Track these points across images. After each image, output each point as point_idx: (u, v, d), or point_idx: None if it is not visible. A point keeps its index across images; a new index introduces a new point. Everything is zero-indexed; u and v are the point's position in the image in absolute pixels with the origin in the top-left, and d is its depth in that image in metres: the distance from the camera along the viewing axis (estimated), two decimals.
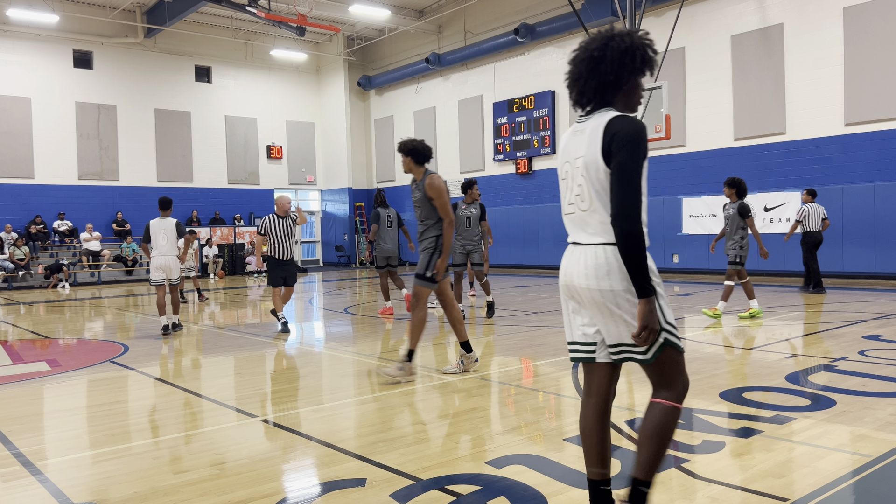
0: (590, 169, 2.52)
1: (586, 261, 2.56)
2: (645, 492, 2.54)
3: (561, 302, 2.79)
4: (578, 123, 2.65)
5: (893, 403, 4.67)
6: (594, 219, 2.54)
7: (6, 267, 19.38)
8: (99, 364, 7.21)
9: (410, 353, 5.91)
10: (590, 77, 2.58)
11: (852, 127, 14.21)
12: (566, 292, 2.71)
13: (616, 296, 2.49)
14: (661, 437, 2.51)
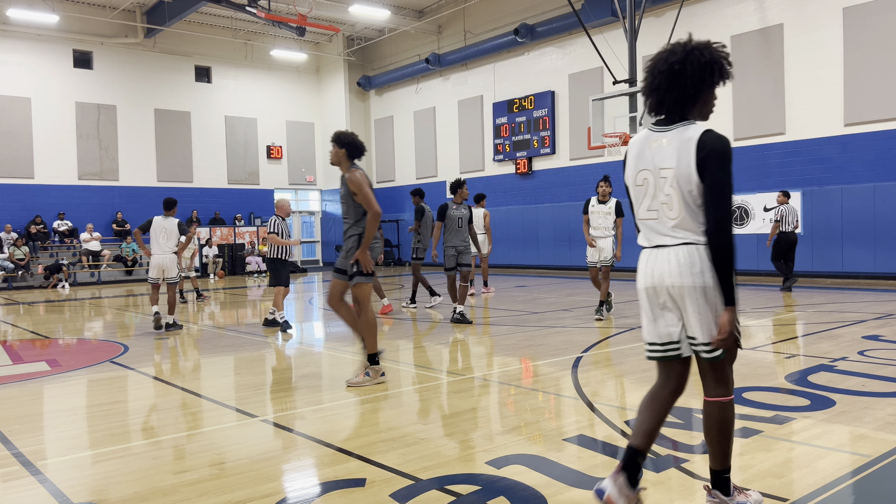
0: (681, 181, 2.68)
1: (678, 259, 2.73)
2: (727, 477, 2.84)
3: (643, 305, 2.91)
4: (655, 133, 2.79)
5: (893, 403, 4.67)
6: (682, 225, 2.72)
7: (6, 267, 19.38)
8: (99, 364, 7.21)
9: (371, 356, 5.77)
10: (669, 89, 2.72)
11: (852, 127, 14.21)
12: (653, 294, 2.85)
13: (706, 290, 2.70)
14: (728, 430, 2.79)
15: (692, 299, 2.72)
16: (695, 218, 2.70)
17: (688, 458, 3.69)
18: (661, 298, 2.82)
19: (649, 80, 2.78)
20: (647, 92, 2.81)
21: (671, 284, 2.76)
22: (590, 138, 14.83)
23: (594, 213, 9.35)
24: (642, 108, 14.11)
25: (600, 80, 18.21)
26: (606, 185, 9.25)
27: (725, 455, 2.82)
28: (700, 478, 3.40)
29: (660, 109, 2.79)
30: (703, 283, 2.70)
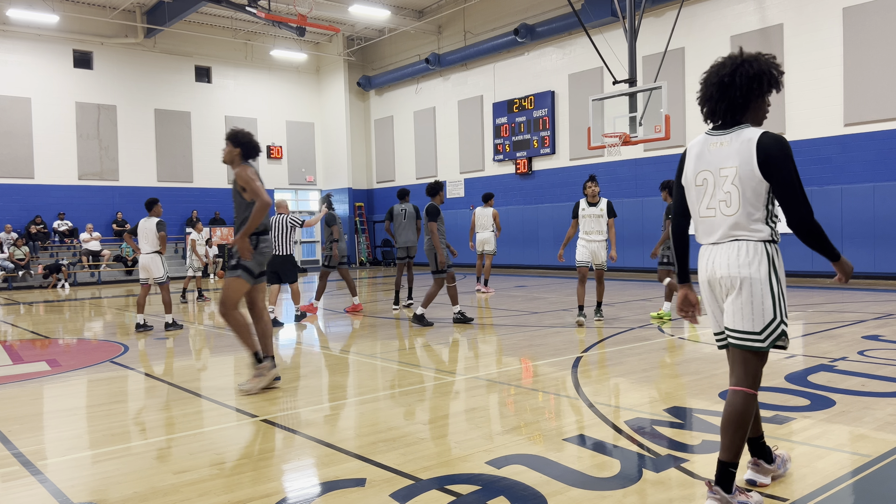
0: (744, 179, 2.88)
1: (729, 254, 2.95)
2: (733, 472, 2.90)
3: (705, 297, 3.17)
4: (713, 136, 3.02)
5: (893, 403, 4.67)
6: (739, 220, 2.92)
7: (6, 267, 19.38)
8: (99, 364, 7.22)
9: (257, 354, 5.61)
10: (720, 99, 2.96)
11: (852, 127, 14.21)
12: (709, 288, 3.09)
13: (753, 282, 2.89)
14: (744, 424, 2.90)
15: (739, 290, 2.92)
16: (751, 214, 2.90)
17: (688, 458, 3.70)
18: (715, 291, 3.06)
19: (703, 90, 3.04)
20: (701, 101, 3.06)
21: (722, 276, 2.97)
22: (590, 138, 14.83)
23: (585, 217, 8.93)
24: (642, 108, 14.11)
25: (600, 80, 18.21)
26: (594, 185, 8.85)
27: (737, 448, 2.91)
28: (700, 477, 3.40)
29: (713, 117, 3.03)
30: (748, 275, 2.89)
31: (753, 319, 2.90)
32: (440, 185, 9.78)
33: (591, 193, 8.89)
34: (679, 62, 16.86)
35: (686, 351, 7.13)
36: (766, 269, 2.89)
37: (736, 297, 2.94)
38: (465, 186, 23.10)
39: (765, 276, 2.88)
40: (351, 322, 10.36)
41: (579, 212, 8.97)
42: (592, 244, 8.95)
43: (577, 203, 9.03)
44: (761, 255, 2.89)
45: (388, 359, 7.06)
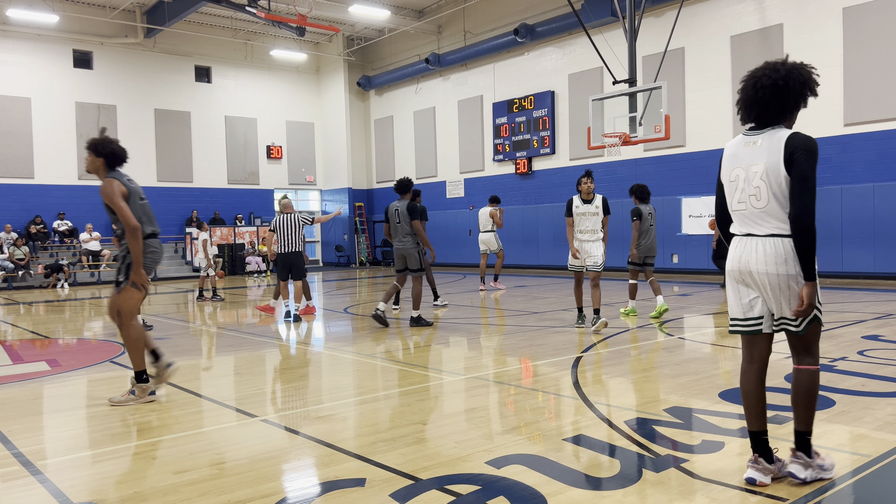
0: (770, 174, 3.12)
1: (765, 250, 3.17)
2: (808, 439, 3.28)
3: (729, 286, 3.38)
4: (748, 136, 3.25)
5: (892, 403, 4.67)
6: (770, 215, 3.15)
7: (6, 267, 19.38)
8: (99, 364, 7.21)
9: (138, 374, 5.37)
10: (772, 99, 3.16)
11: (851, 127, 14.22)
12: (738, 277, 3.31)
13: (790, 279, 3.15)
14: (813, 397, 3.26)
15: (777, 285, 3.17)
16: (781, 208, 3.12)
17: (688, 458, 3.70)
18: (746, 280, 3.28)
19: (751, 93, 3.20)
20: (748, 103, 3.23)
21: (756, 271, 3.21)
22: (589, 138, 14.83)
23: (580, 215, 8.45)
24: (642, 108, 14.11)
25: (600, 80, 18.21)
26: (589, 181, 8.41)
27: (810, 419, 3.26)
28: (700, 477, 3.40)
29: (759, 120, 3.22)
30: (786, 272, 3.14)
31: (791, 309, 3.20)
32: (410, 181, 9.42)
33: (587, 190, 8.43)
34: (679, 62, 16.86)
35: (686, 351, 7.12)
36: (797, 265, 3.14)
37: (775, 292, 3.20)
38: (464, 186, 23.10)
39: (798, 271, 3.14)
40: (350, 321, 10.36)
41: (573, 209, 8.50)
42: (586, 244, 8.44)
43: (569, 200, 8.57)
44: (793, 252, 3.13)
45: (389, 359, 7.06)
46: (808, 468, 3.24)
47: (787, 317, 3.24)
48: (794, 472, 3.24)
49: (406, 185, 9.39)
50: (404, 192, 9.36)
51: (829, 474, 3.30)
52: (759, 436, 3.34)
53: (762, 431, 3.35)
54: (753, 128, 3.26)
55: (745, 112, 3.27)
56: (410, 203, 9.22)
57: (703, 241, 16.35)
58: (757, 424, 3.34)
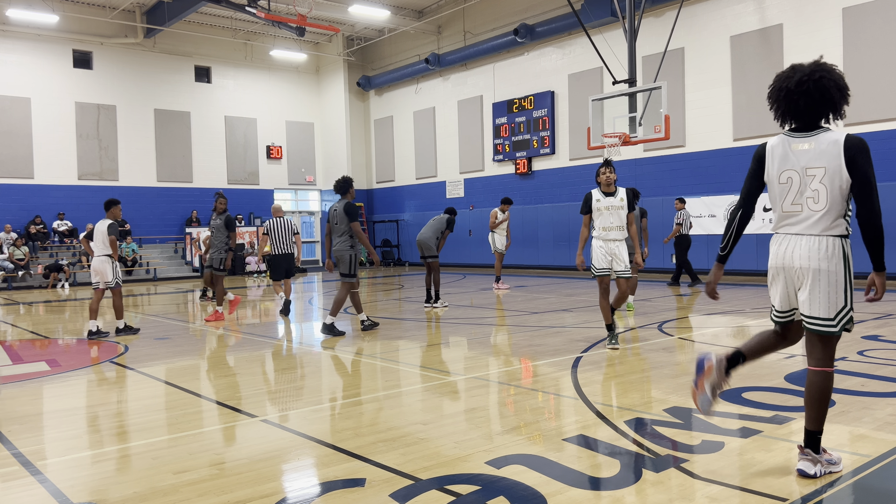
0: (833, 178, 3.19)
1: (810, 247, 3.26)
2: (819, 438, 3.36)
3: (773, 280, 3.45)
4: (796, 139, 3.31)
5: (892, 403, 4.67)
6: (826, 216, 3.23)
7: (6, 267, 19.37)
8: (99, 364, 7.22)
9: None
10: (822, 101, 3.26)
11: (851, 127, 14.20)
12: (779, 272, 3.39)
13: (830, 274, 3.22)
14: (826, 398, 3.34)
15: (815, 281, 3.25)
16: (837, 209, 3.21)
17: (687, 458, 3.70)
18: (787, 276, 3.36)
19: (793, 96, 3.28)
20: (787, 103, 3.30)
21: (800, 266, 3.29)
22: (589, 138, 14.83)
23: (602, 211, 7.03)
24: (642, 108, 14.11)
25: (600, 80, 18.22)
26: (609, 171, 7.07)
27: (821, 418, 3.34)
28: (700, 477, 3.40)
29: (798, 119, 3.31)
30: (827, 268, 3.22)
31: (829, 307, 3.25)
32: (349, 181, 8.91)
33: (606, 181, 7.03)
34: (679, 62, 16.86)
35: (686, 351, 7.12)
36: (842, 263, 3.24)
37: (813, 287, 3.26)
38: (464, 186, 23.11)
39: (841, 269, 3.23)
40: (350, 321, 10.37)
41: (593, 204, 7.08)
42: (611, 244, 7.03)
43: (588, 194, 7.15)
44: (839, 251, 3.23)
45: (388, 359, 7.06)
46: (817, 464, 3.32)
47: (822, 316, 3.26)
48: (804, 469, 3.32)
49: (344, 185, 8.86)
50: (344, 191, 8.86)
51: (837, 468, 3.39)
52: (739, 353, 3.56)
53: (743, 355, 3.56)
54: (797, 129, 3.33)
55: (781, 118, 3.36)
56: (349, 203, 8.75)
57: (702, 241, 16.34)
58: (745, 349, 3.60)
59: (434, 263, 11.54)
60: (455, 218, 11.99)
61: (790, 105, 3.30)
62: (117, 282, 9.18)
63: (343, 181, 8.89)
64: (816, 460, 3.33)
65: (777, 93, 3.35)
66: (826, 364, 3.33)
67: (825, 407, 3.33)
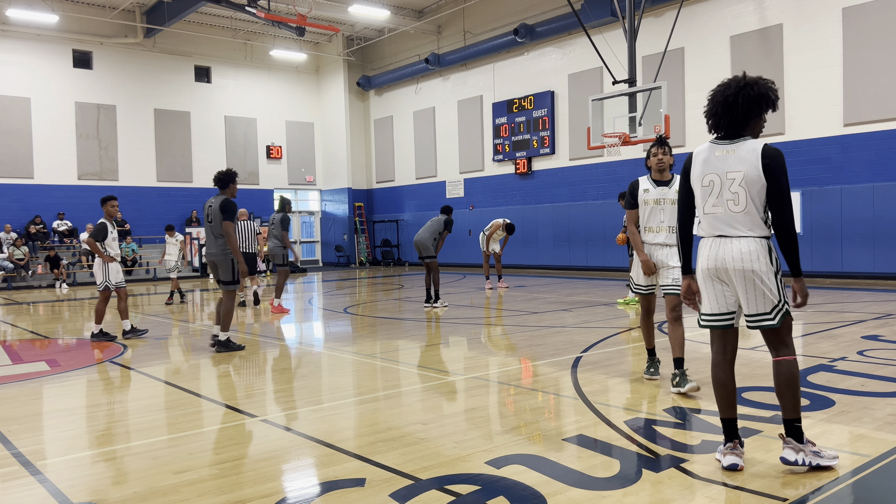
0: (750, 182, 3.39)
1: (740, 249, 3.42)
2: (798, 426, 3.44)
3: (704, 283, 3.59)
4: (719, 145, 3.52)
5: (892, 403, 4.67)
6: (746, 217, 3.42)
7: (6, 267, 19.37)
8: (99, 364, 7.21)
9: None
10: (724, 115, 3.49)
11: (851, 127, 14.22)
12: (713, 274, 3.54)
13: (762, 274, 3.39)
14: (795, 384, 3.43)
15: (749, 281, 3.41)
16: (756, 211, 3.39)
17: (687, 458, 3.70)
18: (721, 277, 3.50)
19: (710, 107, 3.56)
20: (707, 115, 3.59)
21: (733, 268, 3.44)
22: (589, 138, 14.83)
23: (652, 205, 5.41)
24: (642, 108, 14.11)
25: (600, 80, 18.21)
26: (664, 152, 5.38)
27: (795, 406, 3.42)
28: (700, 477, 3.40)
29: (717, 130, 3.55)
30: (759, 269, 3.39)
31: (766, 303, 3.42)
32: (230, 174, 7.83)
33: (659, 165, 5.38)
34: (679, 62, 16.86)
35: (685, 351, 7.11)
36: (768, 260, 3.40)
37: (749, 288, 3.43)
38: (464, 186, 23.10)
39: (769, 266, 3.40)
40: (350, 321, 10.36)
41: (640, 195, 5.47)
42: (659, 251, 5.44)
43: (634, 183, 5.55)
44: (765, 250, 3.41)
45: (388, 359, 7.06)
46: (798, 452, 3.40)
47: (761, 311, 3.44)
48: (785, 457, 3.42)
49: (225, 178, 7.78)
50: (224, 185, 7.79)
51: (827, 462, 3.42)
52: (733, 423, 3.57)
53: (735, 419, 3.58)
54: (721, 137, 3.55)
55: (707, 122, 3.59)
56: (226, 200, 7.68)
57: None
58: (730, 412, 3.58)
59: (432, 264, 11.53)
60: (452, 218, 12.01)
61: (712, 115, 3.55)
62: (107, 285, 8.81)
63: (225, 174, 7.78)
64: (799, 448, 3.40)
65: (717, 104, 3.53)
66: (786, 353, 3.47)
67: (797, 394, 3.43)
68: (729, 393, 3.57)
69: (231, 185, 7.79)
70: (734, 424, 3.56)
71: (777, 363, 3.48)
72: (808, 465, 3.39)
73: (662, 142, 5.43)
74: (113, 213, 8.87)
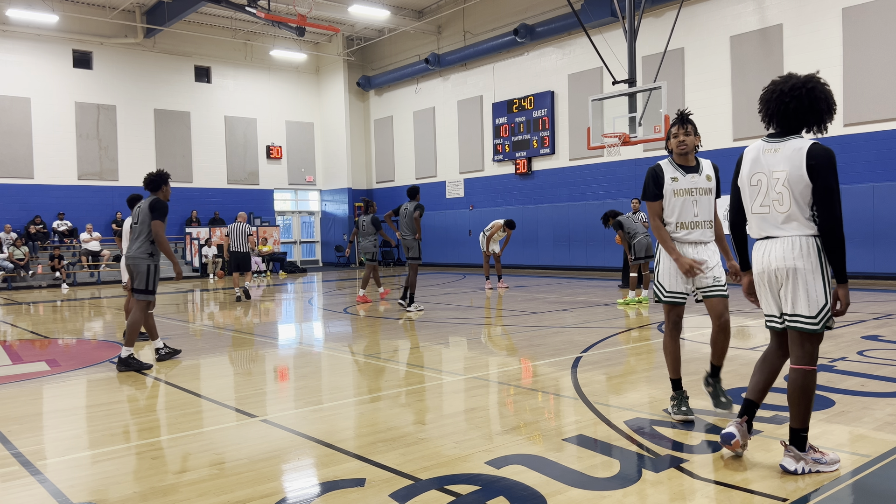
0: (793, 182, 3.31)
1: (784, 247, 3.36)
2: (804, 436, 3.39)
3: (758, 288, 3.56)
4: (769, 143, 3.45)
5: (892, 403, 4.67)
6: (792, 217, 3.34)
7: (6, 267, 19.37)
8: (99, 364, 7.21)
9: None
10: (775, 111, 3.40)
11: (851, 127, 14.22)
12: (763, 278, 3.48)
13: (806, 272, 3.32)
14: (809, 396, 3.36)
15: (793, 280, 3.34)
16: (801, 212, 3.32)
17: (687, 458, 3.70)
18: (770, 281, 3.45)
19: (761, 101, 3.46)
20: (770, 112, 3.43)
21: (777, 267, 3.38)
22: (589, 138, 14.83)
23: (684, 196, 4.41)
24: (642, 108, 14.11)
25: (600, 80, 18.22)
26: (685, 132, 4.44)
27: (805, 416, 3.36)
28: (700, 478, 3.40)
29: (768, 125, 3.47)
30: (803, 266, 3.32)
31: (809, 305, 3.32)
32: (162, 176, 7.11)
33: (680, 147, 4.46)
34: (678, 62, 16.86)
35: (686, 351, 7.12)
36: (817, 260, 3.32)
37: (792, 286, 3.35)
38: (464, 186, 23.10)
39: (816, 266, 3.32)
40: (350, 321, 10.37)
41: (666, 184, 4.44)
42: (696, 249, 4.47)
43: (656, 170, 4.51)
44: (812, 249, 3.32)
45: (388, 359, 7.06)
46: (799, 461, 3.38)
47: (801, 313, 3.34)
48: (785, 465, 3.39)
49: (156, 180, 7.08)
50: (155, 188, 7.10)
51: (829, 468, 3.39)
52: (752, 404, 3.63)
53: (756, 403, 3.64)
54: (774, 135, 3.44)
55: (768, 119, 3.46)
56: (156, 199, 7.00)
57: None
58: (755, 395, 3.64)
59: (413, 265, 11.27)
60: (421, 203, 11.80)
61: (779, 107, 3.38)
62: None
63: (156, 175, 7.08)
64: (799, 457, 3.38)
65: (770, 94, 3.42)
66: (807, 362, 3.36)
67: (808, 405, 3.36)
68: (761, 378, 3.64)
69: (164, 188, 7.10)
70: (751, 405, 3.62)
71: (794, 371, 3.38)
72: (808, 472, 3.36)
73: (684, 119, 4.43)
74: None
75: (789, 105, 3.34)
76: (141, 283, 6.95)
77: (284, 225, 27.36)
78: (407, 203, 11.61)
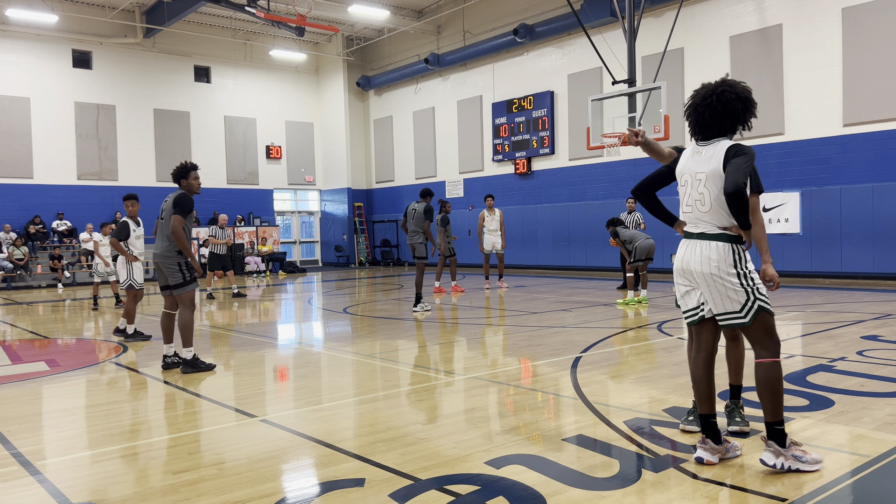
0: (712, 181, 3.44)
1: (702, 252, 3.50)
2: (780, 429, 3.41)
3: (676, 283, 3.73)
4: (696, 146, 3.60)
5: (892, 403, 4.68)
6: (710, 218, 3.48)
7: (5, 267, 19.36)
8: (98, 364, 7.21)
9: None
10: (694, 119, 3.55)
11: (851, 127, 14.22)
12: (681, 274, 3.66)
13: (724, 278, 3.42)
14: (775, 388, 3.40)
15: (711, 284, 3.47)
16: (721, 214, 3.43)
17: (687, 458, 3.70)
18: (687, 278, 3.62)
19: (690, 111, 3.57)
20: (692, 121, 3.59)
21: (695, 271, 3.53)
22: (589, 138, 14.83)
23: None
24: (641, 108, 14.10)
25: (599, 80, 18.22)
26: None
27: (776, 409, 3.40)
28: (699, 478, 3.40)
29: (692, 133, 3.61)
30: (718, 273, 3.43)
31: (732, 303, 3.45)
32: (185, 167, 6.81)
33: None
34: (678, 62, 16.86)
35: (686, 351, 7.12)
36: (733, 265, 3.42)
37: (712, 289, 3.49)
38: (464, 186, 23.11)
39: (732, 271, 3.42)
40: (350, 321, 10.37)
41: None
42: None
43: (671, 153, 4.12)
44: (728, 254, 3.43)
45: (388, 359, 7.06)
46: (779, 456, 3.38)
47: (729, 310, 3.46)
48: (765, 460, 3.42)
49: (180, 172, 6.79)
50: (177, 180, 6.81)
51: (808, 467, 3.39)
52: (709, 419, 3.60)
53: (711, 415, 3.61)
54: (700, 139, 3.60)
55: (691, 128, 3.62)
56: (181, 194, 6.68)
57: None
58: (706, 408, 3.62)
59: (419, 264, 11.19)
60: (431, 205, 11.34)
61: (697, 118, 3.54)
62: (131, 283, 8.94)
63: (180, 167, 6.80)
64: (779, 452, 3.39)
65: (688, 109, 3.60)
66: (766, 355, 3.43)
67: (777, 397, 3.40)
68: (703, 388, 3.64)
69: (186, 180, 6.72)
70: (707, 420, 3.59)
71: (756, 365, 3.47)
72: (787, 469, 3.37)
73: None
74: (133, 213, 9.04)
75: (704, 115, 3.49)
76: (177, 278, 6.67)
77: (284, 225, 27.37)
78: (415, 203, 11.48)
